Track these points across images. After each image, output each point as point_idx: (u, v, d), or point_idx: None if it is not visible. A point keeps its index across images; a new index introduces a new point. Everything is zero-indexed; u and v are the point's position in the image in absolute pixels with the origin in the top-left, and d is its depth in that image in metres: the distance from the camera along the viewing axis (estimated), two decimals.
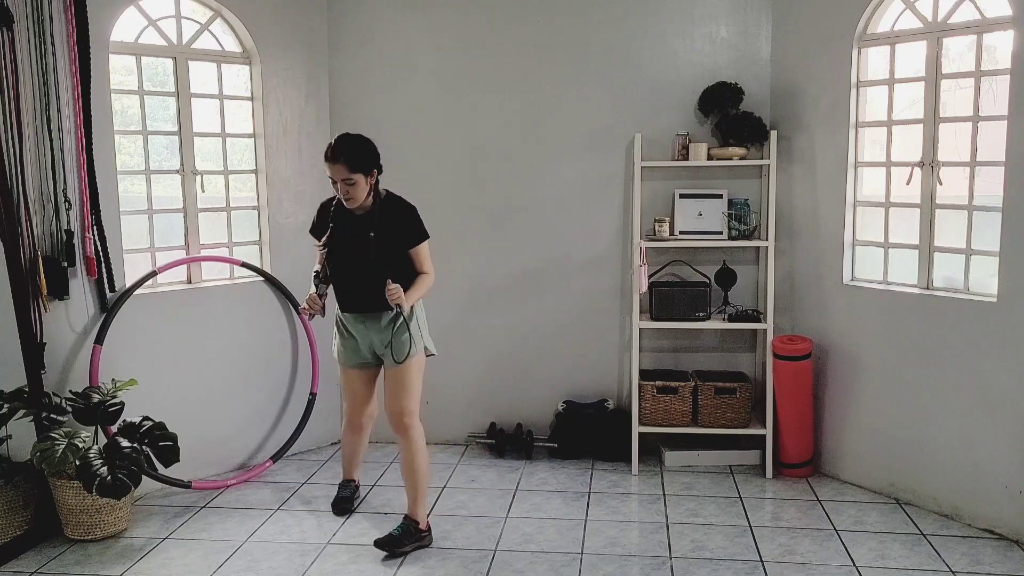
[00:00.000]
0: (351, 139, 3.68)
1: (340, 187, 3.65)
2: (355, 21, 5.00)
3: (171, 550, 3.84)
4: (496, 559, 3.73)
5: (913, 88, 4.26)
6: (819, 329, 4.63)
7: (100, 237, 4.16)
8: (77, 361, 4.16)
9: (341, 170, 3.61)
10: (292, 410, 5.00)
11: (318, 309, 3.81)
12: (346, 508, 4.22)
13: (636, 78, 4.86)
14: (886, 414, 4.34)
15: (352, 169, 3.61)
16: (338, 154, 3.61)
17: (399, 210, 3.78)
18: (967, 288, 4.05)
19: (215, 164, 4.75)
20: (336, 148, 3.63)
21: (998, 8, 3.86)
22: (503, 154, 5.01)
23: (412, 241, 3.77)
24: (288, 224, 4.93)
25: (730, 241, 4.70)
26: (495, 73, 4.95)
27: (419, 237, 3.78)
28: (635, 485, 4.57)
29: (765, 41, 4.77)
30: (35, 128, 3.92)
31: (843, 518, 4.12)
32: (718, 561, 3.69)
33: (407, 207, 3.81)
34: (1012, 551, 3.76)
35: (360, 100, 5.04)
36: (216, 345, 4.66)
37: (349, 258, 3.77)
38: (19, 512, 3.85)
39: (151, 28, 4.42)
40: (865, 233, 4.50)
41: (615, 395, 5.08)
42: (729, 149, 4.63)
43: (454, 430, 5.23)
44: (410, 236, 3.77)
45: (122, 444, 3.83)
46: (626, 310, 4.99)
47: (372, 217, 3.73)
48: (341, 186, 3.65)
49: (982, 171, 3.99)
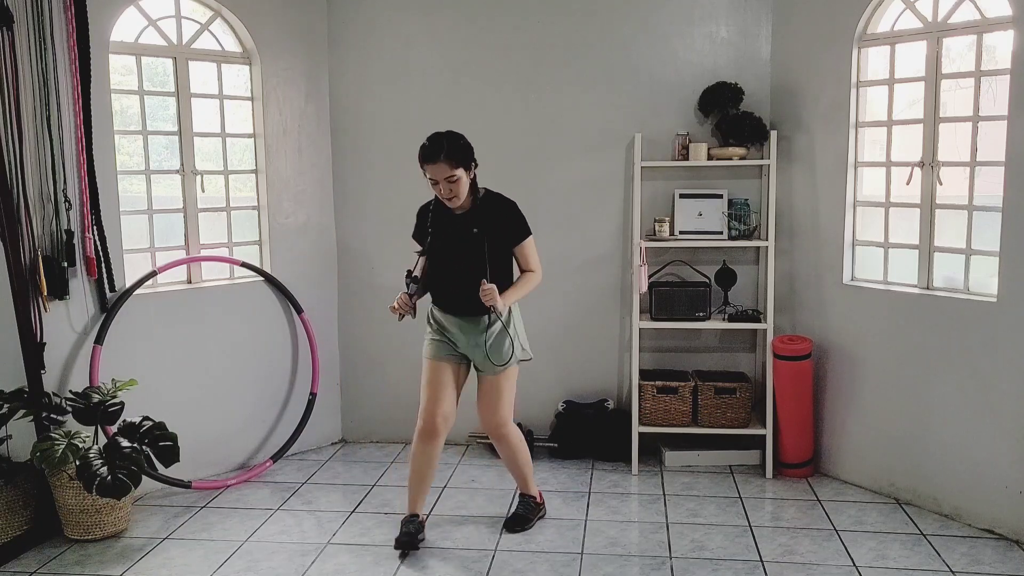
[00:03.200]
0: (446, 136, 3.53)
1: (443, 187, 3.51)
2: (355, 21, 5.00)
3: (171, 550, 3.84)
4: (496, 559, 3.73)
5: (913, 88, 4.26)
6: (819, 329, 4.63)
7: (100, 237, 4.16)
8: (77, 361, 4.16)
9: (443, 169, 3.47)
10: (292, 410, 5.00)
11: (408, 310, 3.59)
12: (413, 544, 3.75)
13: (636, 78, 4.87)
14: (886, 414, 4.34)
15: (454, 165, 3.48)
16: (438, 152, 3.47)
17: (501, 206, 3.66)
18: (967, 288, 4.05)
19: (215, 164, 4.75)
20: (433, 146, 3.49)
21: (998, 8, 3.86)
22: (503, 154, 5.00)
23: (517, 238, 3.65)
24: (288, 224, 4.93)
25: (730, 241, 4.70)
26: (495, 73, 4.95)
27: (524, 233, 3.67)
28: (635, 485, 4.57)
29: (765, 41, 4.77)
30: (35, 128, 3.92)
31: (843, 518, 4.12)
32: (718, 561, 3.68)
33: (509, 202, 3.69)
34: (1012, 551, 3.76)
35: (360, 100, 5.04)
36: (216, 345, 4.66)
37: (452, 259, 3.64)
38: (19, 512, 3.85)
39: (151, 28, 4.42)
40: (865, 233, 4.50)
41: (615, 395, 5.08)
42: (729, 149, 4.63)
43: (454, 430, 5.14)
44: (515, 232, 3.65)
45: (122, 444, 3.83)
46: (626, 310, 4.99)
47: (474, 214, 3.61)
48: (443, 185, 3.50)
49: (982, 171, 3.99)
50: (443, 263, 3.69)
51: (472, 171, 3.60)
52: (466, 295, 3.59)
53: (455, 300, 3.69)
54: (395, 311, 3.62)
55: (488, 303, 3.50)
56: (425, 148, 3.52)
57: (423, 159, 3.52)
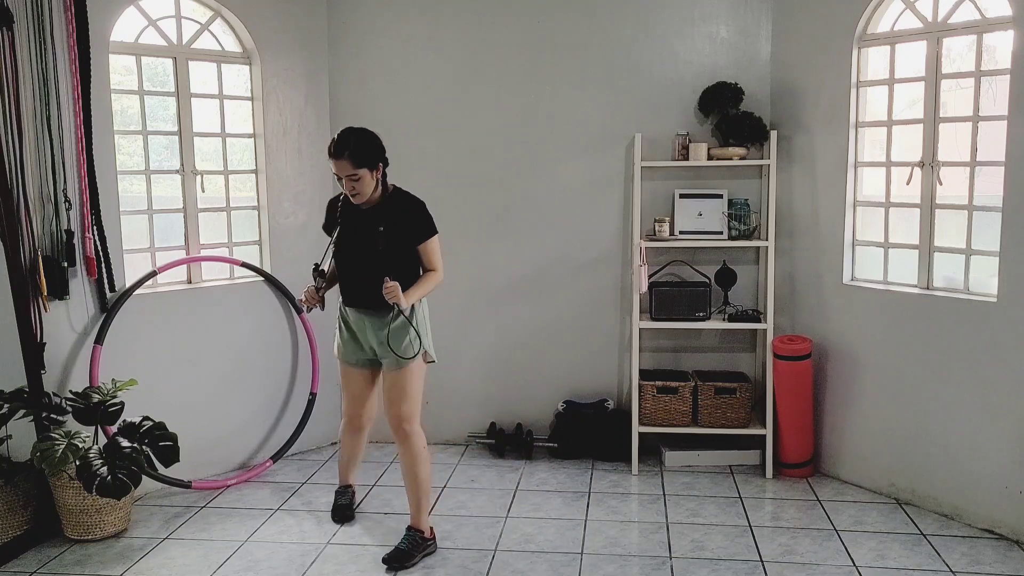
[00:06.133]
0: (355, 133, 3.56)
1: (345, 183, 3.54)
2: (355, 21, 5.00)
3: (171, 550, 3.84)
4: (496, 559, 3.73)
5: (913, 88, 4.26)
6: (819, 329, 4.63)
7: (100, 237, 4.16)
8: (77, 361, 4.16)
9: (345, 166, 3.49)
10: (292, 410, 5.00)
11: (315, 303, 3.69)
12: (347, 515, 4.15)
13: (636, 78, 4.87)
14: (886, 414, 4.34)
15: (357, 164, 3.49)
16: (342, 149, 3.48)
17: (407, 205, 3.68)
18: (967, 288, 4.05)
19: (215, 164, 4.75)
20: (340, 143, 3.50)
21: (998, 8, 3.86)
22: (503, 154, 5.01)
23: (420, 236, 3.66)
24: (288, 224, 4.93)
25: (730, 241, 4.70)
26: (495, 73, 4.95)
27: (428, 232, 3.67)
28: (635, 485, 4.57)
29: (765, 41, 4.77)
30: (35, 128, 3.91)
31: (843, 518, 4.12)
32: (718, 561, 3.69)
33: (416, 201, 3.70)
34: (1012, 551, 3.76)
35: (360, 100, 5.04)
36: (216, 345, 4.66)
37: (356, 253, 3.67)
38: (19, 512, 3.85)
39: (151, 28, 4.42)
40: (865, 233, 4.50)
41: (615, 395, 5.09)
42: (729, 149, 4.63)
43: (454, 430, 5.23)
44: (418, 231, 3.66)
45: (122, 444, 3.83)
46: (626, 310, 4.99)
47: (380, 212, 3.64)
48: (346, 182, 3.53)
49: (982, 171, 3.99)
50: (348, 258, 3.73)
51: (380, 171, 3.62)
52: (369, 290, 3.61)
53: (359, 294, 3.74)
54: (302, 304, 3.76)
55: (391, 300, 3.51)
56: (332, 142, 3.55)
57: (328, 152, 3.55)
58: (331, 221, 3.80)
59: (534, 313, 5.11)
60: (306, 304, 3.73)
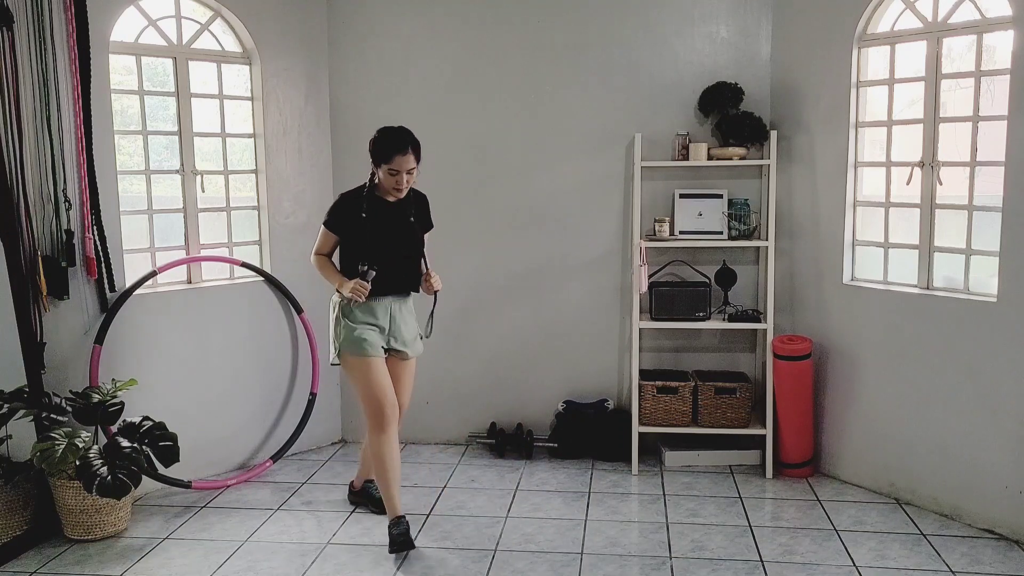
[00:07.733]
0: (408, 131, 3.74)
1: (402, 178, 3.69)
2: (355, 21, 5.00)
3: (171, 550, 3.84)
4: (496, 559, 3.73)
5: (913, 88, 4.26)
6: (819, 329, 4.63)
7: (100, 237, 4.16)
8: (77, 361, 4.16)
9: (411, 160, 3.68)
10: (292, 410, 5.00)
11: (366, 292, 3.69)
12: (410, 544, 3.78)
13: (636, 78, 4.87)
14: (886, 414, 4.34)
15: (418, 159, 3.72)
16: (410, 143, 3.67)
17: (420, 197, 3.96)
18: (967, 288, 4.05)
19: (215, 164, 4.75)
20: (407, 138, 3.68)
21: (998, 8, 3.86)
22: (503, 154, 5.01)
23: (429, 226, 4.00)
24: (288, 224, 4.93)
25: (730, 241, 4.70)
26: (495, 73, 4.95)
27: (430, 222, 4.02)
28: (635, 485, 4.57)
29: (765, 41, 4.77)
30: (35, 128, 3.92)
31: (843, 518, 4.12)
32: (718, 561, 3.69)
33: (422, 194, 3.99)
34: (1012, 551, 3.76)
35: (360, 100, 5.04)
36: (216, 345, 4.66)
37: (397, 243, 3.82)
38: (19, 512, 3.85)
39: (151, 28, 4.42)
40: (865, 233, 4.50)
41: (615, 395, 5.09)
42: (729, 149, 4.64)
43: (454, 430, 5.23)
44: (428, 221, 4.00)
45: (122, 444, 3.83)
46: (626, 310, 4.99)
47: (405, 204, 3.85)
48: (402, 176, 3.69)
49: (982, 171, 3.99)
50: (390, 249, 3.82)
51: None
52: (406, 278, 3.89)
53: (397, 283, 3.87)
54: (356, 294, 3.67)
55: (438, 288, 3.88)
56: (393, 139, 3.68)
57: (394, 150, 3.66)
58: (348, 218, 3.81)
59: (534, 313, 5.11)
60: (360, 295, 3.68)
